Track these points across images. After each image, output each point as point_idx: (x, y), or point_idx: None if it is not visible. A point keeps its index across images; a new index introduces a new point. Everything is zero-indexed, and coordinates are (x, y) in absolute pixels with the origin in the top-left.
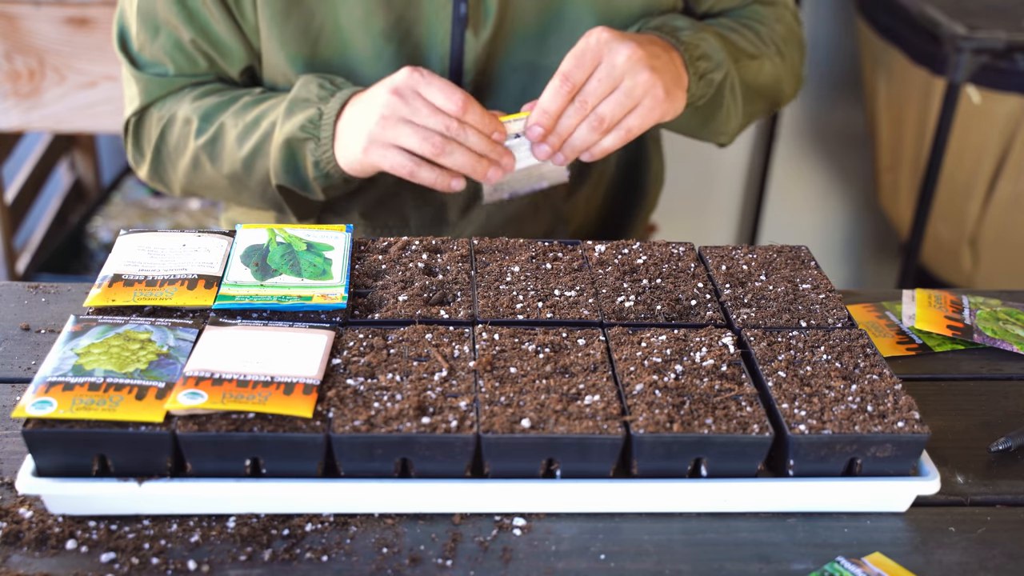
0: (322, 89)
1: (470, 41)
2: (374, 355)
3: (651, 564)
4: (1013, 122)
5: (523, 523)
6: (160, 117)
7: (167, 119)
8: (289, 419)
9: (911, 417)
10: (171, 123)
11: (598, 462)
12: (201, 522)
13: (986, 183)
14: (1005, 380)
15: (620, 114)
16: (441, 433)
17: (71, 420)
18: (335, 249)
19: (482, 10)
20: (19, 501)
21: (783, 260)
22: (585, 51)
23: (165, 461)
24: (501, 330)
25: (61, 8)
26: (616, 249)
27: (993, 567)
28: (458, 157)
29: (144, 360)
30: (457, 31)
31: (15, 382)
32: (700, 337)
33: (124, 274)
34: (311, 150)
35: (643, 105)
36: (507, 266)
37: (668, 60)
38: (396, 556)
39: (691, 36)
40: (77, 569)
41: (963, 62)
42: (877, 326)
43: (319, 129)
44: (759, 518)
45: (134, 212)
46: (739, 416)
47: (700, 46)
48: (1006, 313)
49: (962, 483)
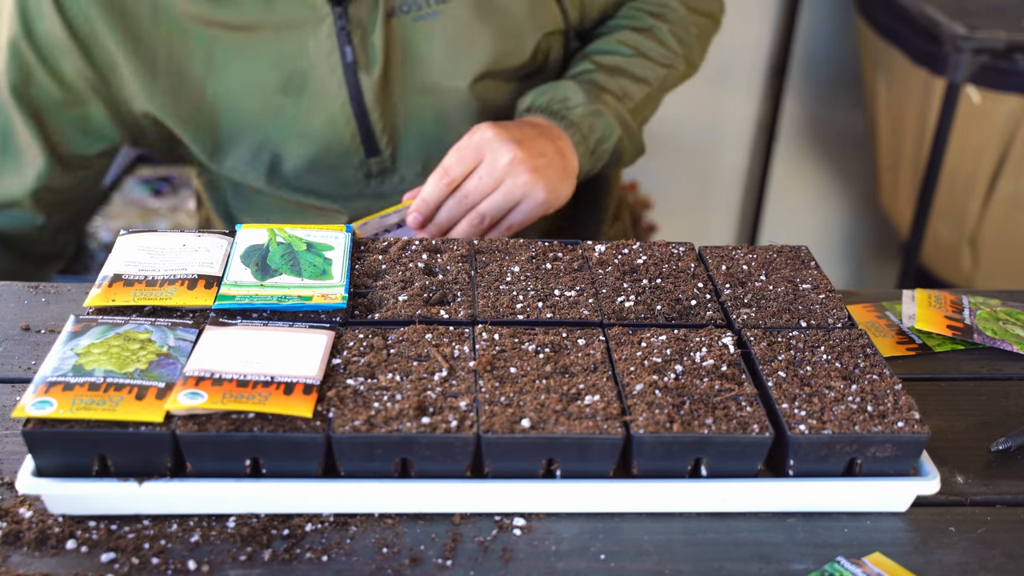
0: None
1: (365, 81)
2: (374, 355)
3: (651, 564)
4: (1013, 122)
5: (523, 523)
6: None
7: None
8: (289, 419)
9: (911, 417)
10: None
11: (598, 462)
12: (201, 522)
13: (986, 183)
14: (1005, 380)
15: (500, 214)
16: (441, 433)
17: (71, 420)
18: (335, 249)
19: (368, 52)
20: (19, 501)
21: (783, 260)
22: (468, 147)
23: (165, 461)
24: (501, 330)
25: None
26: (616, 249)
27: (993, 567)
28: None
29: (144, 360)
30: (350, 74)
31: (15, 382)
32: (700, 337)
33: (124, 274)
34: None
35: (523, 205)
36: (507, 266)
37: (554, 152)
38: (396, 556)
39: (583, 113)
40: (77, 569)
41: (963, 62)
42: (877, 326)
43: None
44: (759, 518)
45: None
46: (739, 416)
47: (592, 123)
48: (1006, 313)
49: (962, 483)
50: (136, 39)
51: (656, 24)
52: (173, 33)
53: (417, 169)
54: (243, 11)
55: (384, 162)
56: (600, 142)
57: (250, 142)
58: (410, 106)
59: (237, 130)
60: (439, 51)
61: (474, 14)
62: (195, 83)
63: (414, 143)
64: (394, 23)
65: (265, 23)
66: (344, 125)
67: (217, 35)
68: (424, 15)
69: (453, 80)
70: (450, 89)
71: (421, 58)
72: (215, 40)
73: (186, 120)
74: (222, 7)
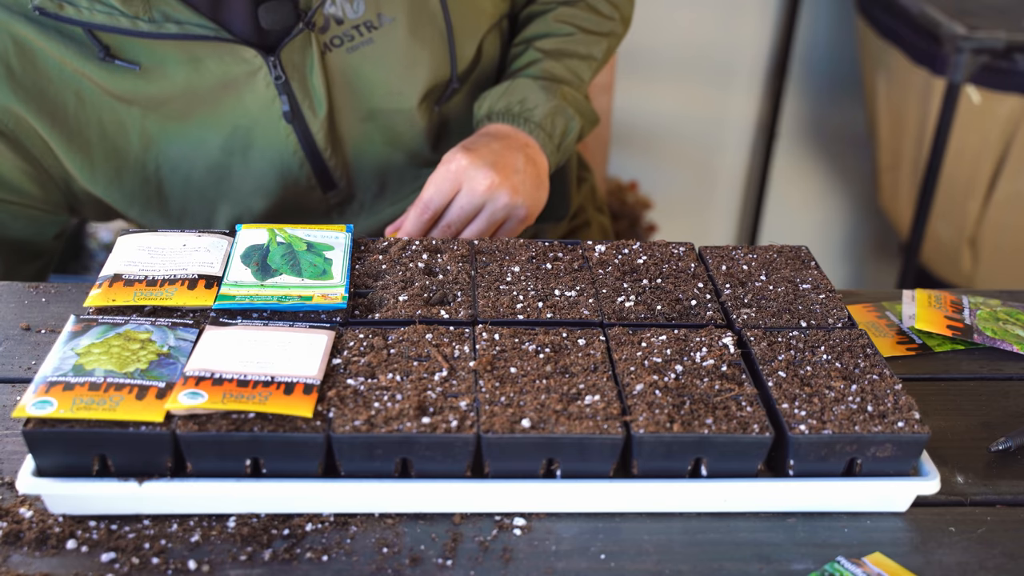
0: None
1: (313, 123)
2: (374, 355)
3: (651, 564)
4: (1013, 122)
5: (523, 523)
6: None
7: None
8: (289, 419)
9: (911, 417)
10: None
11: (598, 462)
12: (201, 522)
13: (986, 183)
14: (1005, 380)
15: (486, 236)
16: (441, 433)
17: (71, 420)
18: (335, 249)
19: (311, 94)
20: (19, 501)
21: (783, 260)
22: (444, 178)
23: (165, 461)
24: (501, 330)
25: None
26: (616, 249)
27: (993, 567)
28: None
29: (144, 360)
30: (297, 120)
31: (15, 382)
32: (700, 337)
33: (124, 274)
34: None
35: (507, 224)
36: (507, 266)
37: (526, 162)
38: (396, 556)
39: (544, 112)
40: (77, 569)
41: (963, 62)
42: (877, 326)
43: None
44: (759, 518)
45: None
46: (739, 416)
47: (554, 120)
48: (1006, 313)
49: (962, 483)
50: (65, 127)
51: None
52: (103, 115)
53: (375, 190)
54: (171, 81)
55: (342, 193)
56: (564, 136)
57: (204, 207)
58: (359, 135)
59: (188, 199)
60: (380, 76)
61: (409, 33)
62: (135, 161)
63: (368, 168)
64: (330, 58)
65: (197, 87)
66: (298, 169)
67: (149, 109)
68: (358, 44)
69: (398, 102)
70: (396, 111)
71: (363, 86)
72: (147, 114)
73: (133, 196)
74: (148, 82)
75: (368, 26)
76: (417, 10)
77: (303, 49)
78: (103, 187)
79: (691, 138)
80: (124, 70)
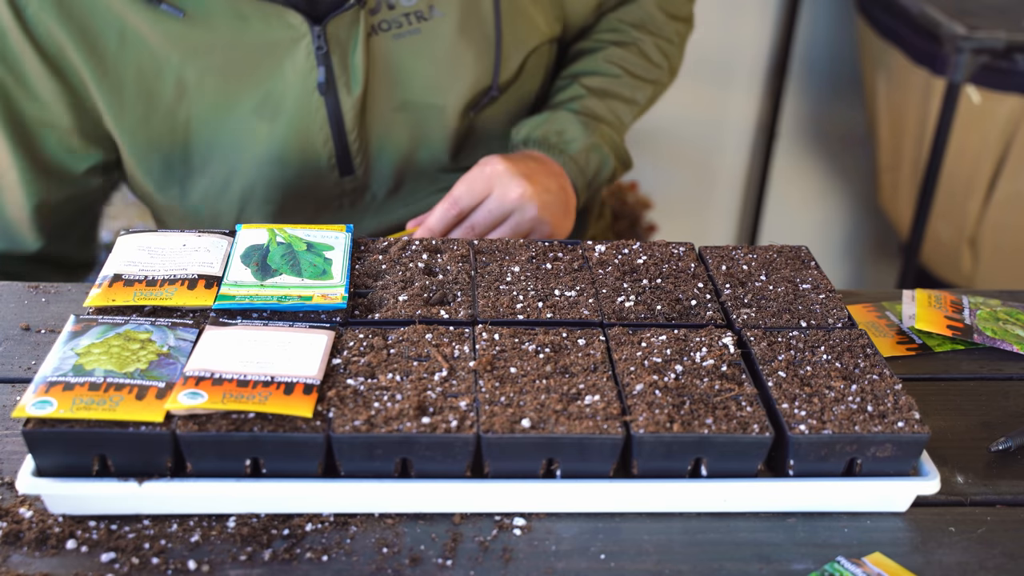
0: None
1: (345, 101)
2: (374, 355)
3: (651, 564)
4: (1013, 122)
5: (523, 523)
6: None
7: None
8: (289, 419)
9: (911, 417)
10: None
11: (598, 462)
12: (201, 522)
13: (986, 183)
14: (1005, 380)
15: None
16: (441, 433)
17: (71, 420)
18: (335, 249)
19: (349, 71)
20: (19, 501)
21: (783, 260)
22: (477, 179)
23: (165, 461)
24: (501, 330)
25: None
26: (616, 249)
27: (993, 567)
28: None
29: (144, 360)
30: (329, 95)
31: (15, 382)
32: (700, 337)
33: (124, 274)
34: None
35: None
36: (507, 266)
37: (558, 189)
38: (396, 556)
39: (580, 147)
40: (77, 569)
41: (963, 62)
42: (877, 326)
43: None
44: (759, 518)
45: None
46: (739, 416)
47: (588, 157)
48: (1006, 313)
49: (962, 483)
50: (103, 63)
51: (640, 37)
52: (142, 58)
53: (390, 186)
54: (214, 34)
55: (357, 180)
56: (596, 174)
57: (221, 170)
58: (387, 124)
59: (209, 157)
60: (421, 69)
61: (457, 31)
62: (166, 109)
63: (388, 161)
64: (374, 41)
65: (238, 45)
66: (321, 146)
67: (188, 58)
68: (405, 32)
69: (433, 97)
70: (430, 106)
71: (402, 76)
72: (186, 63)
73: (156, 145)
74: (193, 29)
75: (418, 16)
76: (469, 10)
77: (350, 26)
78: (129, 130)
79: (691, 138)
80: (168, 16)
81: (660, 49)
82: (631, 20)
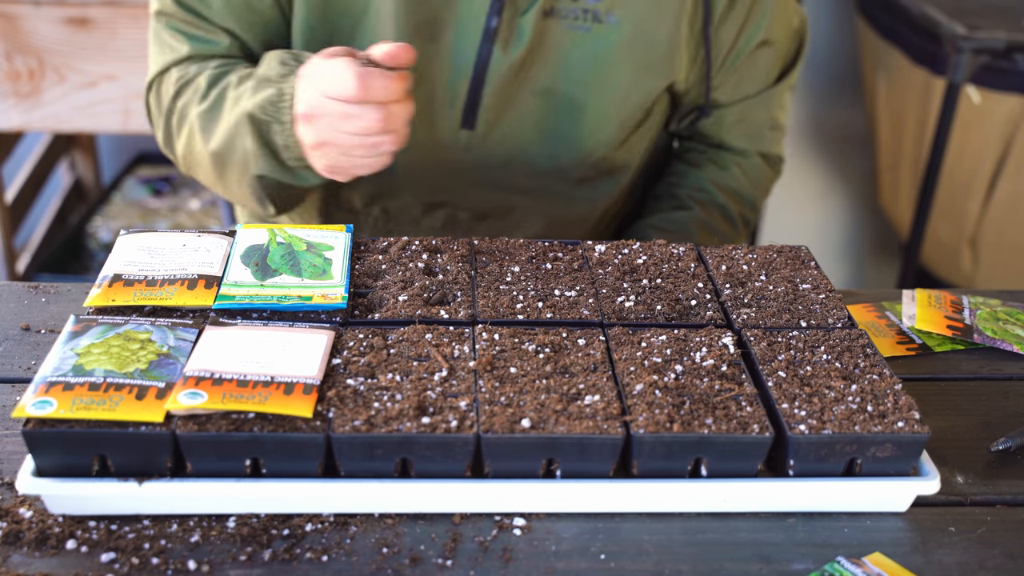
0: (283, 66)
1: (498, 57)
2: (374, 355)
3: (651, 564)
4: (1013, 122)
5: (523, 523)
6: (179, 77)
7: (184, 81)
8: (289, 419)
9: (911, 417)
10: (186, 86)
11: (598, 462)
12: (201, 522)
13: (986, 183)
14: (1005, 380)
15: None
16: (441, 433)
17: (71, 420)
18: (335, 249)
19: (515, 30)
20: (19, 501)
21: (783, 260)
22: None
23: (165, 461)
24: (501, 330)
25: (61, 8)
26: (616, 249)
27: (993, 567)
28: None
29: (144, 360)
30: (485, 44)
31: (15, 382)
32: (700, 337)
33: (124, 274)
34: (277, 133)
35: None
36: (507, 266)
37: None
38: (396, 556)
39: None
40: (77, 569)
41: (963, 62)
42: (877, 326)
43: (280, 112)
44: (759, 518)
45: (134, 212)
46: (739, 416)
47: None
48: (1006, 313)
49: (962, 483)
50: None
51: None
52: None
53: (501, 158)
54: None
55: (473, 138)
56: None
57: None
58: (522, 101)
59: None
60: (576, 62)
61: (623, 44)
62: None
63: (508, 137)
64: (548, 21)
65: None
66: (459, 84)
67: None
68: (577, 26)
69: (573, 92)
70: (567, 99)
71: (555, 63)
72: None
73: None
74: None
75: (595, 16)
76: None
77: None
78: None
79: None
80: None
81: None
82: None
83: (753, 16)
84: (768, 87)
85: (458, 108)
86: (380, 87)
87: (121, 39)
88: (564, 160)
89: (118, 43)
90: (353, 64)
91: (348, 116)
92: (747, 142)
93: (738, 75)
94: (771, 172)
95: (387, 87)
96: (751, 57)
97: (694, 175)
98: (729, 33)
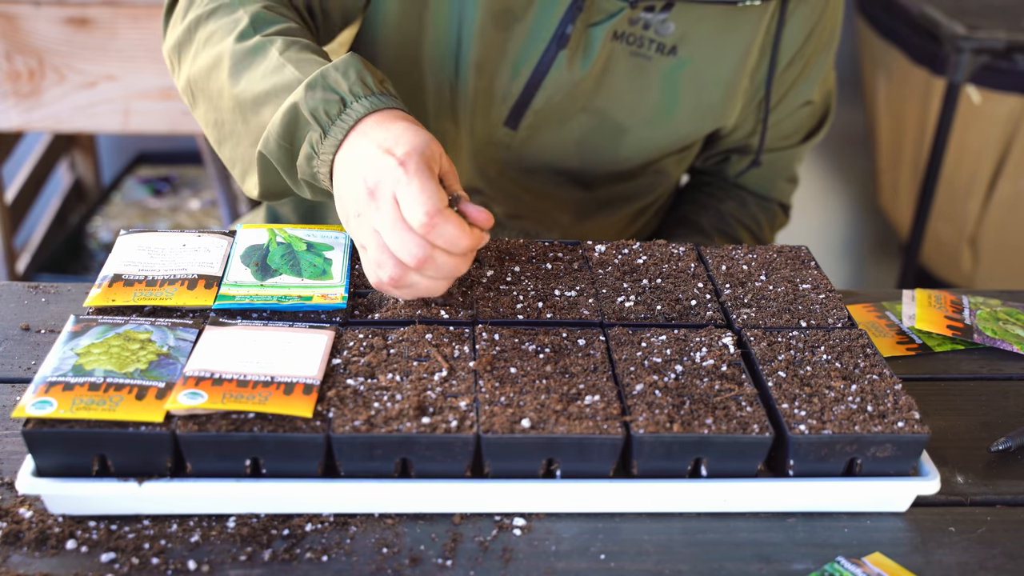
0: (362, 84)
1: (560, 65)
2: (374, 355)
3: (651, 564)
4: (1013, 122)
5: (523, 523)
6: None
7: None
8: (289, 419)
9: (911, 417)
10: (223, 8)
11: (598, 462)
12: (201, 522)
13: (986, 183)
14: (1005, 380)
15: None
16: (441, 433)
17: (71, 420)
18: (335, 249)
19: (584, 41)
20: (19, 501)
21: (783, 260)
22: None
23: (165, 461)
24: (501, 330)
25: (61, 8)
26: (616, 249)
27: (993, 567)
28: (414, 289)
29: (144, 360)
30: (552, 50)
31: (15, 382)
32: (700, 337)
33: (124, 274)
34: (312, 139)
35: None
36: (507, 266)
37: None
38: (396, 556)
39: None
40: (77, 569)
41: (963, 62)
42: (877, 326)
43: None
44: (759, 518)
45: (134, 212)
46: (739, 416)
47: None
48: (1006, 313)
49: (962, 483)
50: None
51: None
52: None
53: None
54: None
55: (513, 137)
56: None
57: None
58: (571, 114)
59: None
60: (633, 90)
61: (684, 81)
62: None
63: (547, 147)
64: (614, 43)
65: None
66: (516, 79)
67: None
68: (640, 54)
69: (624, 117)
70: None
71: (610, 85)
72: None
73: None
74: None
75: (660, 48)
76: (702, 73)
77: (608, 14)
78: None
79: None
80: None
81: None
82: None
83: (805, 75)
84: (798, 144)
85: (508, 104)
86: (448, 237)
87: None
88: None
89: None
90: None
91: (396, 233)
92: (767, 190)
93: (778, 128)
94: (784, 219)
95: (454, 240)
96: (794, 114)
97: (714, 208)
98: (782, 86)
